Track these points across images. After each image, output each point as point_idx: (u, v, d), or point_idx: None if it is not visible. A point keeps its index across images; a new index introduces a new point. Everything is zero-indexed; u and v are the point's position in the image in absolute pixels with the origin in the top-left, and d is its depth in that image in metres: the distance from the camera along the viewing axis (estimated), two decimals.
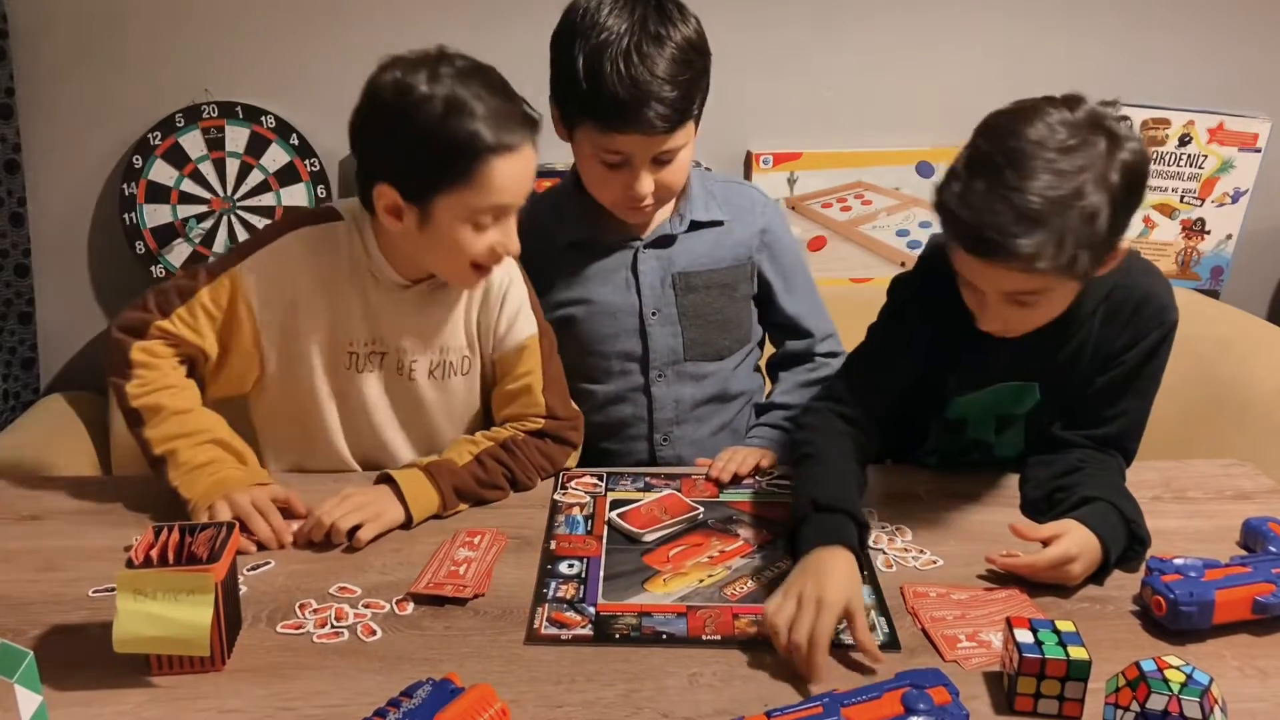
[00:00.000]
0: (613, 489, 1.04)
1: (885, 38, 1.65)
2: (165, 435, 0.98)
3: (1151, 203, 1.75)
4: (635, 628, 0.81)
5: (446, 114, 0.90)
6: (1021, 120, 0.84)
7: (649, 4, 0.97)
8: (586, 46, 0.94)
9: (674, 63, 0.94)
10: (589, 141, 1.00)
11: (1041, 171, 0.81)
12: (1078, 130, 0.82)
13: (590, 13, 0.95)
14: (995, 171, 0.82)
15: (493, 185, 0.92)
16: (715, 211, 1.10)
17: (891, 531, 0.96)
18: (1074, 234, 0.81)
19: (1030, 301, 0.88)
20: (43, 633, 0.80)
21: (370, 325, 1.04)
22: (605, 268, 1.10)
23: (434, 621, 0.83)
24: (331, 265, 1.02)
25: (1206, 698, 0.66)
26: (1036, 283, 0.85)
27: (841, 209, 1.71)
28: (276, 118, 1.60)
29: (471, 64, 0.94)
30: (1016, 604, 0.85)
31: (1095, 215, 0.82)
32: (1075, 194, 0.81)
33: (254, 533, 0.93)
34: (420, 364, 1.06)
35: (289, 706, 0.73)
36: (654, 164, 0.99)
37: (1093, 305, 0.97)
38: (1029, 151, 0.82)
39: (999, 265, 0.84)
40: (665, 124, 0.96)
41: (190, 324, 1.00)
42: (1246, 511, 0.97)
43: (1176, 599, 0.79)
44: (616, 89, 0.93)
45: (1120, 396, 1.00)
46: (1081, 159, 0.81)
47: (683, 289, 1.10)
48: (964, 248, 0.86)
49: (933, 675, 0.70)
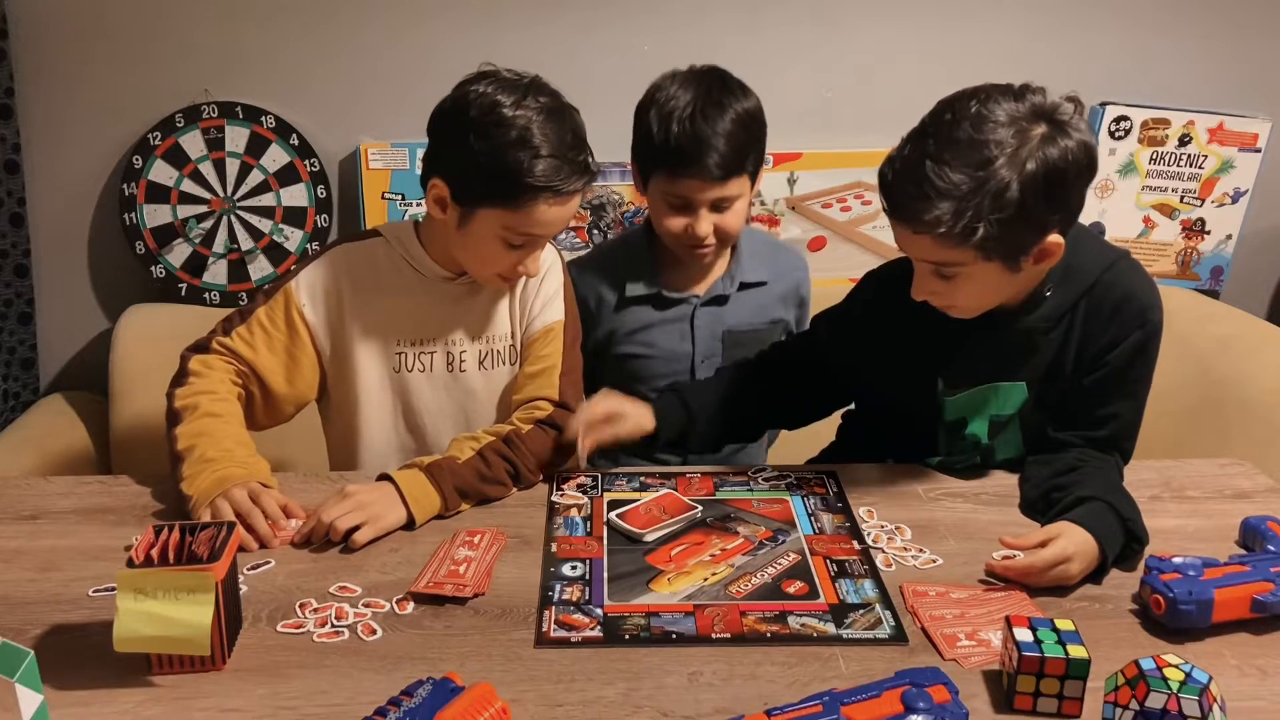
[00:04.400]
0: (609, 489, 1.04)
1: (885, 38, 1.66)
2: (190, 432, 0.99)
3: (1151, 203, 1.75)
4: (644, 628, 0.81)
5: (517, 144, 0.97)
6: (964, 99, 0.88)
7: (714, 80, 1.15)
8: (661, 111, 1.13)
9: (731, 123, 1.12)
10: (659, 189, 1.17)
11: (962, 146, 0.85)
12: (1014, 118, 0.86)
13: (665, 88, 1.15)
14: (922, 141, 0.88)
15: (534, 219, 1.00)
16: (761, 273, 1.26)
17: (891, 531, 0.97)
18: (975, 206, 0.85)
19: (949, 274, 0.92)
20: (43, 632, 0.80)
21: (417, 323, 1.10)
22: (667, 318, 1.24)
23: (434, 621, 0.83)
24: (374, 272, 1.10)
25: (1205, 696, 0.66)
26: (948, 254, 0.89)
27: (841, 209, 1.72)
28: (276, 118, 1.61)
29: (557, 103, 1.02)
30: (1016, 603, 0.85)
31: (1001, 193, 0.85)
32: (982, 166, 0.85)
33: (253, 529, 0.93)
34: (470, 355, 1.11)
35: (289, 706, 0.73)
36: (712, 209, 1.15)
37: (1068, 302, 0.97)
38: (958, 126, 0.86)
39: (908, 230, 0.89)
40: (720, 172, 1.12)
41: (247, 340, 1.07)
42: (1245, 510, 0.97)
43: (1175, 598, 0.79)
44: (681, 140, 1.11)
45: (1109, 399, 1.00)
46: (1002, 138, 0.85)
47: (730, 344, 1.25)
48: (885, 209, 0.92)
49: (932, 674, 0.70)
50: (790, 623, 0.82)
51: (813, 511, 0.99)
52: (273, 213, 1.64)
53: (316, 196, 1.64)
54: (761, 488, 1.05)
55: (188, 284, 1.64)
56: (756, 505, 1.01)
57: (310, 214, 1.65)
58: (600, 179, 1.64)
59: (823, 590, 0.86)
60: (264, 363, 1.07)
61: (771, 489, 1.04)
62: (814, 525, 0.97)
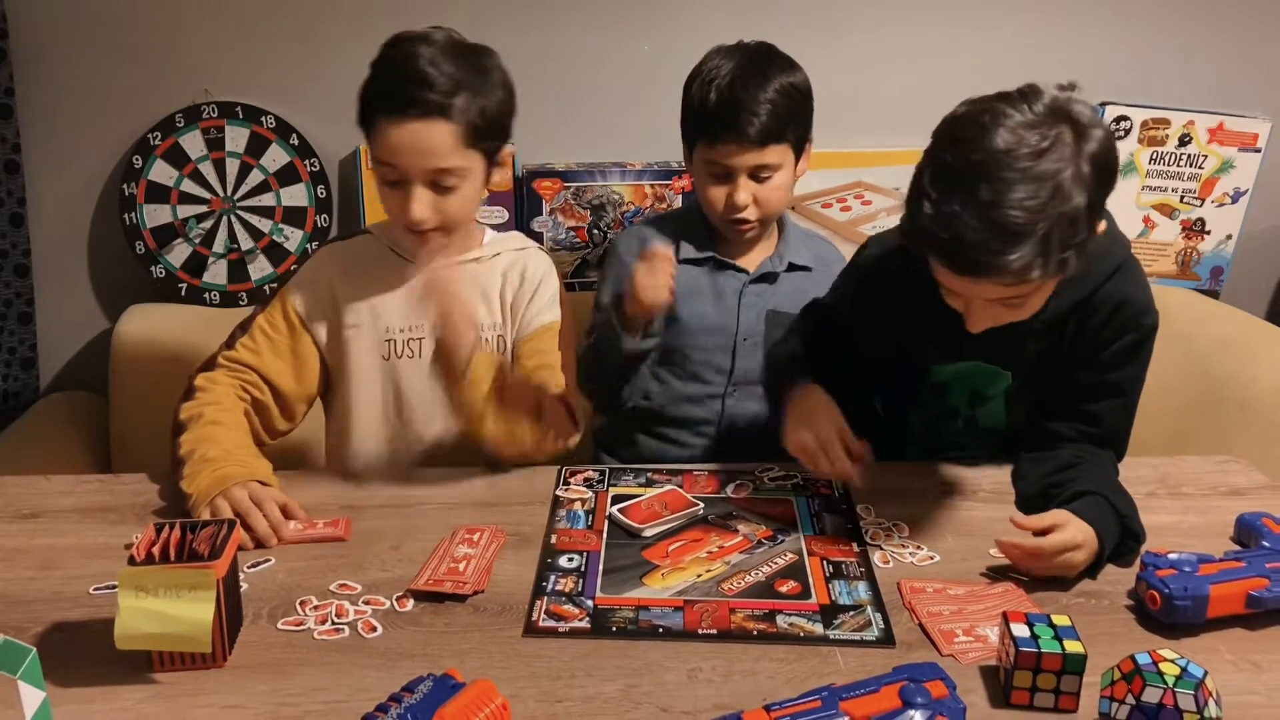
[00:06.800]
0: (614, 484, 1.05)
1: (885, 38, 1.66)
2: (193, 438, 1.00)
3: (1151, 203, 1.75)
4: (632, 621, 0.82)
5: (373, 75, 1.03)
6: (984, 128, 0.81)
7: (760, 52, 1.17)
8: (704, 80, 1.14)
9: (774, 92, 1.13)
10: (701, 157, 1.17)
11: (1017, 183, 0.79)
12: (1041, 127, 0.80)
13: (712, 59, 1.16)
14: (968, 188, 0.80)
15: (384, 144, 1.02)
16: (806, 258, 1.27)
17: (888, 528, 0.97)
18: (1059, 239, 0.80)
19: (1018, 303, 0.88)
20: (44, 630, 0.80)
21: (405, 309, 1.12)
22: (717, 288, 1.24)
23: (434, 618, 0.83)
24: (363, 264, 1.12)
25: (1201, 690, 0.66)
26: (1026, 287, 0.85)
27: (841, 209, 1.72)
28: (276, 118, 1.61)
29: (447, 40, 1.04)
30: (1012, 599, 0.85)
31: (1076, 217, 0.81)
32: (1054, 200, 0.79)
33: (252, 527, 0.93)
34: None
35: (290, 703, 0.73)
36: (752, 179, 1.16)
37: (1066, 305, 0.96)
38: (1001, 162, 0.79)
39: (987, 281, 0.83)
40: (758, 136, 1.12)
41: (252, 348, 1.09)
42: (1240, 507, 0.97)
43: (1171, 593, 0.80)
44: (721, 105, 1.12)
45: (1100, 396, 1.00)
46: (1053, 161, 0.79)
47: (773, 325, 1.24)
48: (948, 267, 0.85)
49: (930, 669, 0.70)
50: (779, 622, 0.82)
51: (816, 512, 1.00)
52: (273, 213, 1.64)
53: (316, 196, 1.64)
54: (766, 487, 1.05)
55: (188, 284, 1.65)
56: (760, 504, 1.01)
57: (310, 214, 1.65)
58: (600, 179, 1.64)
59: (815, 591, 0.86)
60: (270, 366, 1.09)
61: (777, 488, 1.04)
62: (815, 526, 0.97)
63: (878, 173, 1.68)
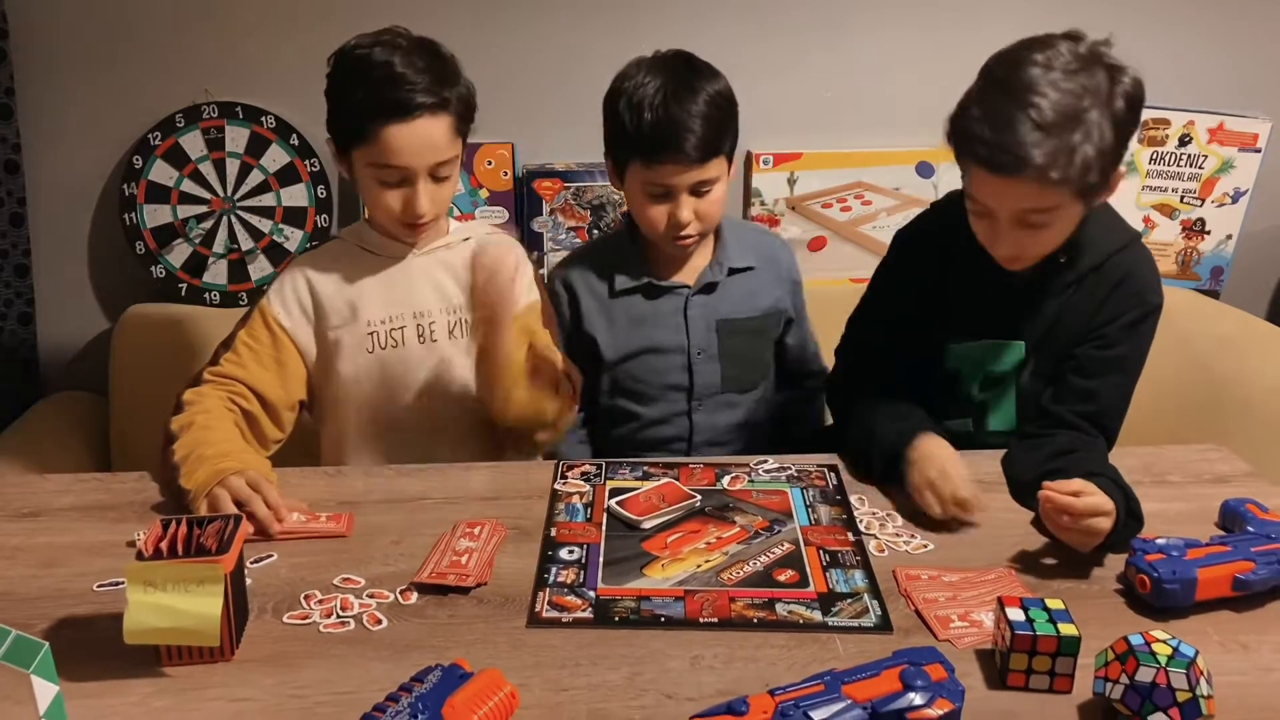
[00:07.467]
0: (612, 478, 1.06)
1: (885, 38, 1.66)
2: (186, 443, 1.01)
3: (1152, 203, 1.76)
4: (634, 611, 0.83)
5: (354, 79, 1.04)
6: (1028, 48, 0.93)
7: (680, 63, 1.15)
8: (631, 99, 1.12)
9: (705, 105, 1.11)
10: (636, 178, 1.16)
11: (1050, 89, 0.90)
12: (1081, 59, 0.91)
13: (632, 76, 1.14)
14: (1009, 93, 0.91)
15: (387, 147, 1.03)
16: (748, 258, 1.26)
17: (883, 517, 0.98)
18: (1082, 146, 0.89)
19: (1040, 222, 0.94)
20: (50, 626, 0.81)
21: (383, 300, 1.14)
22: (660, 311, 1.24)
23: (438, 610, 0.84)
24: (335, 267, 1.15)
25: (1193, 669, 0.68)
26: (1049, 199, 0.92)
27: (841, 209, 1.73)
28: (276, 118, 1.61)
29: (410, 40, 1.05)
30: (1006, 584, 0.87)
31: (1102, 132, 0.90)
32: (1083, 108, 0.89)
33: (253, 513, 0.92)
34: (439, 325, 1.15)
35: (298, 694, 0.74)
36: (692, 194, 1.15)
37: (1076, 275, 1.02)
38: (1038, 74, 0.91)
39: (1016, 179, 0.91)
40: (698, 154, 1.11)
41: (236, 362, 1.11)
42: (1224, 494, 0.99)
43: (1160, 577, 0.81)
44: (656, 125, 1.11)
45: (1099, 370, 1.03)
46: (1085, 81, 0.91)
47: (725, 333, 1.24)
48: (984, 166, 0.93)
49: (929, 653, 0.71)
50: (778, 609, 0.83)
51: (811, 503, 1.01)
52: (273, 213, 1.65)
53: (316, 196, 1.65)
54: (762, 479, 1.06)
55: (188, 284, 1.65)
56: (756, 496, 1.02)
57: (310, 214, 1.66)
58: (600, 179, 1.65)
59: (813, 579, 0.88)
60: (255, 376, 1.10)
61: (772, 480, 1.06)
62: (811, 516, 0.98)
63: (878, 173, 1.69)
